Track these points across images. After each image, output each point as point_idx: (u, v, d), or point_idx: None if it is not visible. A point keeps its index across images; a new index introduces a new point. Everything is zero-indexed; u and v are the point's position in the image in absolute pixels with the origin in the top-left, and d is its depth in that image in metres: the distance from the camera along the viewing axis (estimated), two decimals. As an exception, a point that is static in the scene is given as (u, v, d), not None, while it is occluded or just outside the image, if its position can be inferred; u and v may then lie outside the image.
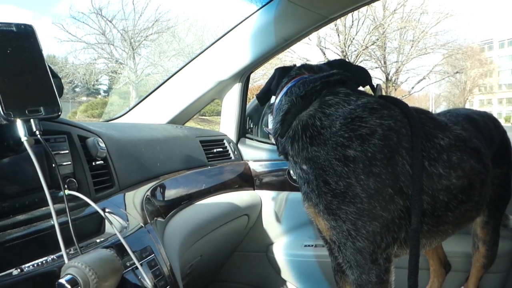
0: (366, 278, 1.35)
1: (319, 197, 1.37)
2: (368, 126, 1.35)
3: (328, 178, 1.34)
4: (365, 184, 1.31)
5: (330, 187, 1.33)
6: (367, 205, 1.31)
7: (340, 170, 1.32)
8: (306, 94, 1.48)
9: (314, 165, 1.38)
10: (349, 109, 1.39)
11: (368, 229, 1.32)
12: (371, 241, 1.33)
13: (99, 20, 22.70)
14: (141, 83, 22.12)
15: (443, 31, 33.70)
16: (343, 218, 1.32)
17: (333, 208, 1.34)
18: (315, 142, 1.39)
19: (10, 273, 1.07)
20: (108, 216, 1.41)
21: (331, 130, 1.38)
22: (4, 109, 1.02)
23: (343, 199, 1.32)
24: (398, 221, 1.37)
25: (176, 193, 2.05)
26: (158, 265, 1.43)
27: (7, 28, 1.11)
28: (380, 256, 1.35)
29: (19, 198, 1.25)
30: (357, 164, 1.32)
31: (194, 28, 24.14)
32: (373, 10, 24.27)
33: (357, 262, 1.35)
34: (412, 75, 32.13)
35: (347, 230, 1.32)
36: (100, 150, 1.56)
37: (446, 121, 1.57)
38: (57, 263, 1.14)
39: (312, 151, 1.39)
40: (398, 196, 1.35)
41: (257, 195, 2.71)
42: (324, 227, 1.39)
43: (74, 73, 22.43)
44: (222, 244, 2.56)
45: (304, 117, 1.45)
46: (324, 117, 1.41)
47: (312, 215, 1.45)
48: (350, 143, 1.33)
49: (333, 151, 1.34)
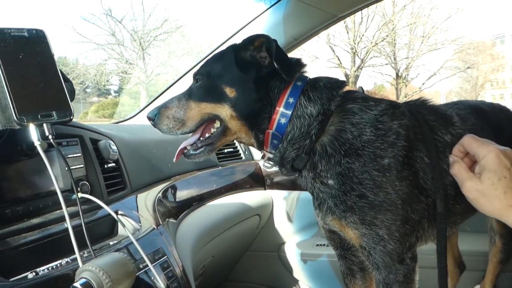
0: (393, 278, 1.36)
1: (350, 211, 1.32)
2: (393, 130, 1.35)
3: (366, 191, 1.30)
4: (399, 190, 1.31)
5: (367, 200, 1.30)
6: (401, 210, 1.32)
7: (380, 181, 1.30)
8: (330, 104, 1.37)
9: (346, 179, 1.32)
10: (374, 116, 1.36)
11: (401, 232, 1.33)
12: (401, 243, 1.34)
13: (109, 21, 22.90)
14: (151, 83, 22.24)
15: (453, 26, 33.40)
16: (378, 225, 1.32)
17: (368, 219, 1.31)
18: (348, 155, 1.33)
19: (26, 277, 1.08)
20: (121, 219, 1.42)
21: (362, 139, 1.34)
22: (17, 114, 1.03)
23: (380, 209, 1.31)
24: (420, 220, 1.38)
25: (187, 194, 2.06)
26: (170, 266, 1.43)
27: (19, 34, 1.12)
28: (406, 255, 1.37)
29: (33, 202, 1.26)
30: (391, 172, 1.31)
31: (203, 27, 24.21)
32: (382, 7, 24.11)
33: (385, 264, 1.35)
34: (423, 71, 31.89)
35: (381, 235, 1.32)
36: (112, 152, 1.57)
37: (453, 114, 1.55)
38: (71, 266, 1.16)
39: (345, 164, 1.32)
40: (421, 195, 1.36)
41: (268, 195, 2.71)
42: (353, 236, 1.36)
43: (85, 74, 22.63)
44: (234, 244, 2.57)
45: (333, 130, 1.37)
46: (353, 127, 1.35)
47: (338, 226, 1.40)
48: (385, 152, 1.32)
49: (371, 162, 1.31)
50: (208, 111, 1.40)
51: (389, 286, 1.37)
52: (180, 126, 1.42)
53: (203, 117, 1.41)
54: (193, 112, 1.41)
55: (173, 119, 1.42)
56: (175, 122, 1.42)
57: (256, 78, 1.38)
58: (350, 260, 1.62)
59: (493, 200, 1.16)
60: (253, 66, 1.40)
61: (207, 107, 1.40)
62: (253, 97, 1.38)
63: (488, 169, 1.17)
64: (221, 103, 1.38)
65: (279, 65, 1.33)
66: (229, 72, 1.41)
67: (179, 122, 1.42)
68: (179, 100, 1.44)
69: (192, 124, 1.42)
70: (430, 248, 1.47)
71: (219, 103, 1.39)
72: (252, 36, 1.42)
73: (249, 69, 1.39)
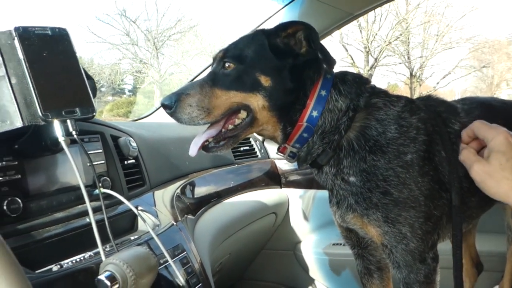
0: (414, 278, 1.34)
1: (374, 208, 1.30)
2: (413, 125, 1.33)
3: (390, 188, 1.28)
4: (422, 186, 1.30)
5: (392, 197, 1.28)
6: (424, 207, 1.30)
7: (403, 177, 1.28)
8: (359, 99, 1.34)
9: (370, 176, 1.30)
10: (397, 112, 1.35)
11: (423, 229, 1.31)
12: (424, 241, 1.32)
13: (123, 21, 23.08)
14: (165, 82, 22.38)
15: (468, 25, 32.94)
16: (402, 223, 1.30)
17: (392, 216, 1.29)
18: (373, 152, 1.30)
19: (50, 269, 1.10)
20: (141, 214, 1.44)
21: (386, 136, 1.31)
22: (42, 111, 1.05)
23: (404, 205, 1.29)
24: (441, 216, 1.36)
25: (205, 191, 2.08)
26: (190, 262, 1.45)
27: (42, 32, 1.14)
28: (428, 255, 1.35)
29: (57, 196, 1.29)
30: (414, 167, 1.30)
31: (216, 27, 24.29)
32: (396, 5, 23.89)
33: (406, 263, 1.33)
34: (437, 70, 31.50)
35: (404, 233, 1.30)
36: (132, 149, 1.59)
37: (457, 106, 1.54)
38: (94, 259, 1.18)
39: (370, 161, 1.30)
40: (442, 190, 1.35)
41: (284, 193, 2.71)
42: (375, 234, 1.34)
43: (100, 74, 22.86)
44: (250, 242, 2.57)
45: (358, 126, 1.34)
46: (378, 124, 1.32)
47: (359, 224, 1.38)
48: (407, 147, 1.30)
49: (395, 159, 1.29)
50: (238, 101, 1.29)
51: (410, 286, 1.35)
52: (205, 115, 1.28)
53: (231, 107, 1.29)
54: (220, 100, 1.29)
55: (197, 107, 1.27)
56: (200, 111, 1.28)
57: (291, 67, 1.31)
58: (368, 259, 1.61)
59: (500, 181, 1.15)
60: (288, 54, 1.32)
61: (237, 96, 1.29)
62: (288, 87, 1.30)
63: (496, 150, 1.16)
64: (253, 92, 1.29)
65: (323, 55, 1.28)
66: (264, 58, 1.31)
67: (204, 111, 1.27)
68: (202, 87, 1.30)
69: (219, 113, 1.29)
70: (446, 248, 1.46)
71: (251, 92, 1.29)
72: (287, 22, 1.34)
73: (284, 57, 1.31)
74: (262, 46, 1.32)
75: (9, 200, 1.13)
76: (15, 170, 1.18)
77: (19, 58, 1.05)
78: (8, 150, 1.18)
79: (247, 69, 1.30)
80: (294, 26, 1.32)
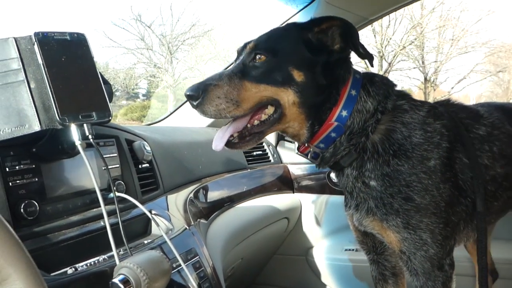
0: (431, 285, 1.32)
1: (394, 214, 1.27)
2: (437, 131, 1.32)
3: (413, 194, 1.26)
4: (443, 192, 1.28)
5: (414, 203, 1.26)
6: (444, 213, 1.29)
7: (426, 183, 1.26)
8: (387, 102, 1.31)
9: (393, 181, 1.27)
10: (422, 117, 1.33)
11: (443, 235, 1.29)
12: (443, 247, 1.30)
13: (138, 26, 23.29)
14: (179, 87, 22.50)
15: (484, 29, 32.54)
16: (423, 229, 1.28)
17: (414, 223, 1.26)
18: (397, 156, 1.28)
19: (66, 272, 1.12)
20: (155, 218, 1.45)
21: (412, 141, 1.29)
22: (60, 115, 1.07)
23: (426, 212, 1.26)
24: (459, 222, 1.36)
25: (218, 195, 2.08)
26: (202, 267, 1.45)
27: (61, 37, 1.16)
28: (445, 261, 1.33)
29: (72, 200, 1.30)
30: (437, 174, 1.28)
31: (230, 32, 24.39)
32: (410, 10, 23.73)
33: (424, 270, 1.31)
34: (452, 74, 31.21)
35: (425, 239, 1.28)
36: (146, 153, 1.60)
37: (478, 108, 1.52)
38: (108, 263, 1.19)
39: (394, 165, 1.27)
40: (461, 196, 1.34)
41: (297, 198, 2.71)
42: (394, 239, 1.32)
43: (115, 78, 23.06)
44: (262, 247, 2.57)
45: (383, 129, 1.31)
46: (404, 127, 1.30)
47: (377, 229, 1.36)
48: (431, 153, 1.29)
49: (419, 164, 1.27)
50: (268, 95, 1.23)
51: None
52: (233, 108, 1.20)
53: (261, 101, 1.23)
54: (250, 93, 1.22)
55: (225, 99, 1.19)
56: (228, 103, 1.19)
57: (324, 64, 1.27)
58: (383, 265, 1.60)
59: None
60: (321, 50, 1.27)
61: (267, 90, 1.23)
62: (321, 83, 1.26)
63: None
64: (284, 86, 1.23)
65: (365, 51, 1.25)
66: (298, 53, 1.26)
67: (233, 104, 1.20)
68: (230, 78, 1.22)
69: (247, 107, 1.22)
70: (459, 255, 1.44)
71: (283, 87, 1.23)
72: (321, 16, 1.30)
73: (317, 52, 1.26)
74: (296, 39, 1.28)
75: (26, 203, 1.14)
76: (32, 173, 1.20)
77: (39, 63, 1.07)
78: (26, 153, 1.20)
79: (280, 63, 1.24)
80: (329, 21, 1.28)
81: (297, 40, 1.27)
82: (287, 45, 1.27)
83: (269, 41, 1.28)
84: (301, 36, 1.28)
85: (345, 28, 1.27)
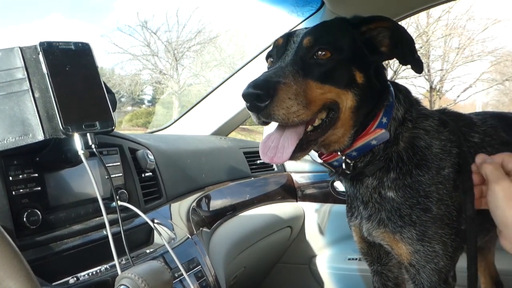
0: None
1: (410, 226, 1.23)
2: (447, 138, 1.30)
3: (432, 205, 1.22)
4: (455, 200, 1.26)
5: (431, 214, 1.22)
6: (456, 222, 1.26)
7: (441, 193, 1.23)
8: (412, 110, 1.27)
9: (413, 192, 1.23)
10: (435, 125, 1.30)
11: (454, 246, 1.27)
12: (452, 258, 1.28)
13: (144, 32, 23.44)
14: (184, 93, 22.59)
15: (490, 37, 32.47)
16: (437, 240, 1.23)
17: (430, 234, 1.22)
18: (419, 166, 1.23)
19: (67, 281, 1.11)
20: (157, 227, 1.44)
21: (432, 151, 1.25)
22: (63, 124, 1.07)
23: (441, 223, 1.23)
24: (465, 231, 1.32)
25: (221, 204, 2.08)
26: (204, 276, 1.45)
27: (66, 47, 1.16)
28: (449, 274, 1.31)
29: (75, 209, 1.30)
30: (450, 182, 1.25)
31: (235, 39, 24.46)
32: (416, 18, 23.73)
33: (431, 284, 1.27)
34: (458, 83, 31.08)
35: (437, 251, 1.24)
36: (149, 162, 1.60)
37: (472, 116, 1.51)
38: (110, 272, 1.19)
39: (416, 176, 1.22)
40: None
41: (300, 206, 2.70)
42: (405, 252, 1.26)
43: (120, 84, 23.19)
44: (265, 255, 2.56)
45: (406, 135, 1.26)
46: (426, 135, 1.26)
47: (388, 240, 1.30)
48: (445, 161, 1.26)
49: (437, 174, 1.23)
50: (331, 97, 1.10)
51: None
52: (303, 112, 1.04)
53: (326, 103, 1.10)
54: (315, 95, 1.07)
55: (296, 101, 1.03)
56: (299, 105, 1.03)
57: (376, 66, 1.19)
58: (386, 276, 1.58)
59: None
60: (373, 51, 1.18)
61: (331, 91, 1.10)
62: (375, 87, 1.17)
63: None
64: (346, 89, 1.12)
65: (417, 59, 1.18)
66: (358, 52, 1.15)
67: (303, 107, 1.04)
68: (294, 75, 1.07)
69: (314, 110, 1.08)
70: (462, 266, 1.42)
71: (344, 89, 1.12)
72: (372, 16, 1.19)
73: (370, 53, 1.17)
74: (354, 37, 1.17)
75: (29, 212, 1.15)
76: (35, 182, 1.20)
77: (43, 73, 1.08)
78: (29, 162, 1.20)
79: (344, 62, 1.13)
80: (380, 22, 1.19)
81: (355, 38, 1.16)
82: (349, 42, 1.15)
83: (330, 36, 1.15)
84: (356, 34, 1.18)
85: (395, 29, 1.18)
